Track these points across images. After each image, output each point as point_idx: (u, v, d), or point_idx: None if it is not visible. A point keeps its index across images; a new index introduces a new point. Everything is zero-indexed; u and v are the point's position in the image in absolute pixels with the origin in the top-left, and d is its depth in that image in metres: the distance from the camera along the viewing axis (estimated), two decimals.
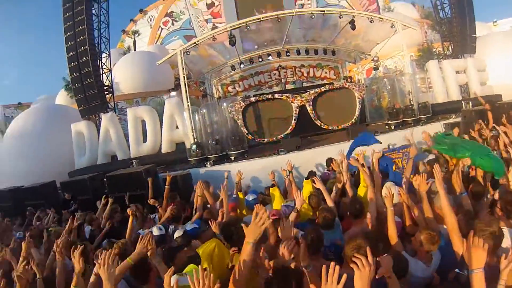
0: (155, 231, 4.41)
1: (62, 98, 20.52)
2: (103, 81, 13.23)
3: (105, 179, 9.07)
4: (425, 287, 2.84)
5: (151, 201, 6.12)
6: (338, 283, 1.66)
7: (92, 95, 12.39)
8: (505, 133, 6.42)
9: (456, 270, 2.17)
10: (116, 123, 12.18)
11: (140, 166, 9.69)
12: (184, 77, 11.34)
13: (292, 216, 3.67)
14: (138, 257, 2.87)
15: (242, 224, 3.07)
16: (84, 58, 12.20)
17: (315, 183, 4.57)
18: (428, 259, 2.86)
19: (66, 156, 12.77)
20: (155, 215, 5.90)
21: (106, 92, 13.26)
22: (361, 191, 4.78)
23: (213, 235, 3.87)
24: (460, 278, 2.19)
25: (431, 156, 5.97)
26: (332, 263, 1.71)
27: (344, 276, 1.67)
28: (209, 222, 4.16)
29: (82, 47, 12.21)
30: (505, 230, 2.84)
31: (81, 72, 12.27)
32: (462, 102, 12.38)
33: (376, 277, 2.18)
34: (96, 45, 13.06)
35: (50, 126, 13.97)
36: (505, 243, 2.70)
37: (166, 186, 6.43)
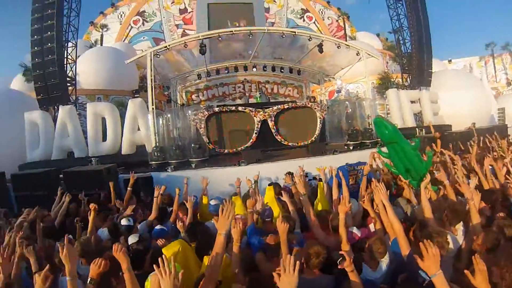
0: (124, 221, 4.40)
1: (18, 83, 19.26)
2: (66, 72, 12.80)
3: (61, 175, 8.68)
4: None
5: (117, 203, 5.85)
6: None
7: (54, 85, 11.88)
8: (451, 158, 7.18)
9: (419, 272, 2.38)
10: (75, 117, 11.75)
11: (100, 165, 9.42)
12: (151, 79, 11.26)
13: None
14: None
15: (214, 218, 3.20)
16: (49, 44, 11.80)
17: (282, 196, 4.70)
18: (374, 265, 3.20)
19: (16, 147, 11.94)
20: (117, 216, 5.61)
21: (68, 84, 12.84)
22: (318, 205, 4.98)
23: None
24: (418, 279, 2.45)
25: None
26: (288, 256, 1.98)
27: (298, 263, 1.93)
28: (176, 222, 4.21)
29: (49, 32, 11.82)
30: (449, 236, 3.33)
31: (44, 59, 11.82)
32: (416, 129, 13.40)
33: (339, 267, 2.51)
34: (64, 33, 12.66)
35: (1, 112, 12.82)
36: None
37: (128, 188, 6.30)
